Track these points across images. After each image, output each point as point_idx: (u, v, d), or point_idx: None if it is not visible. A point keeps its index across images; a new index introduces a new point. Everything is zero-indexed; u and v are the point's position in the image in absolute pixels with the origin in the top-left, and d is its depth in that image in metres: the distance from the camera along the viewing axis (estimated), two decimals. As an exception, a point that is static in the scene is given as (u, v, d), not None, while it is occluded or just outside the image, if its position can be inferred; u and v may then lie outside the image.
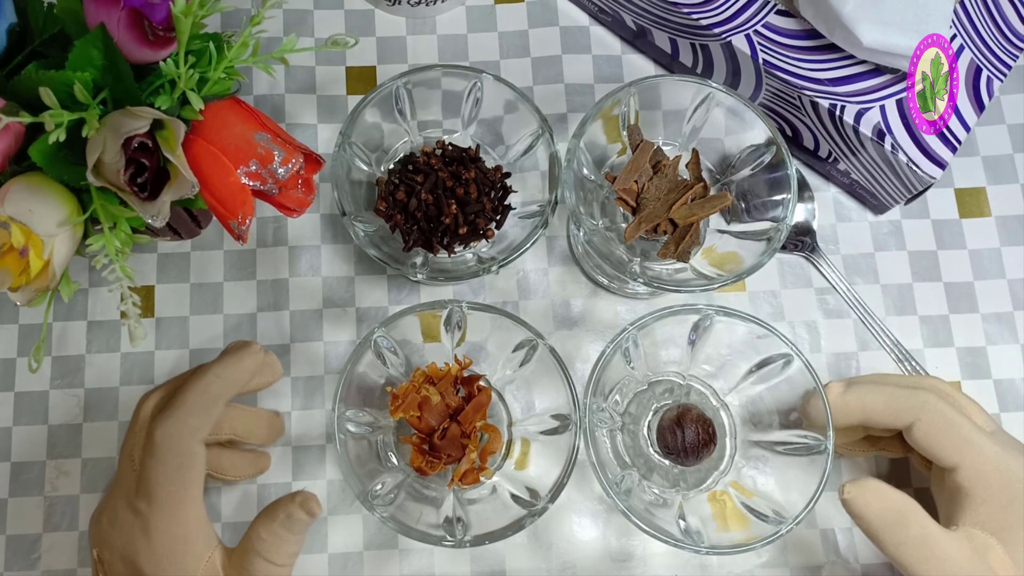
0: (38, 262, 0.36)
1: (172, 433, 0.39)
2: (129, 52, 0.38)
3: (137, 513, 0.40)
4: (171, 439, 0.39)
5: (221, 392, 0.41)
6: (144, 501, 0.39)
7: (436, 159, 0.49)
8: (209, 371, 0.41)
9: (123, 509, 0.40)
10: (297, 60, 0.55)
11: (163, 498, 0.39)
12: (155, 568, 0.39)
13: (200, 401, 0.40)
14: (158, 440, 0.39)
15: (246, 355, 0.42)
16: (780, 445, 0.45)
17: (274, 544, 0.39)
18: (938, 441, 0.42)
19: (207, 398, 0.40)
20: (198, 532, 0.40)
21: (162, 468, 0.39)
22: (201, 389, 0.40)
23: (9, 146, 0.36)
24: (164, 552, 0.39)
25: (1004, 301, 0.53)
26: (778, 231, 0.45)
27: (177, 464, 0.39)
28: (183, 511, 0.40)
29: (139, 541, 0.39)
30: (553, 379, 0.44)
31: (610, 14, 0.56)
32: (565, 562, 0.49)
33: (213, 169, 0.38)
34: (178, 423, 0.40)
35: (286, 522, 0.39)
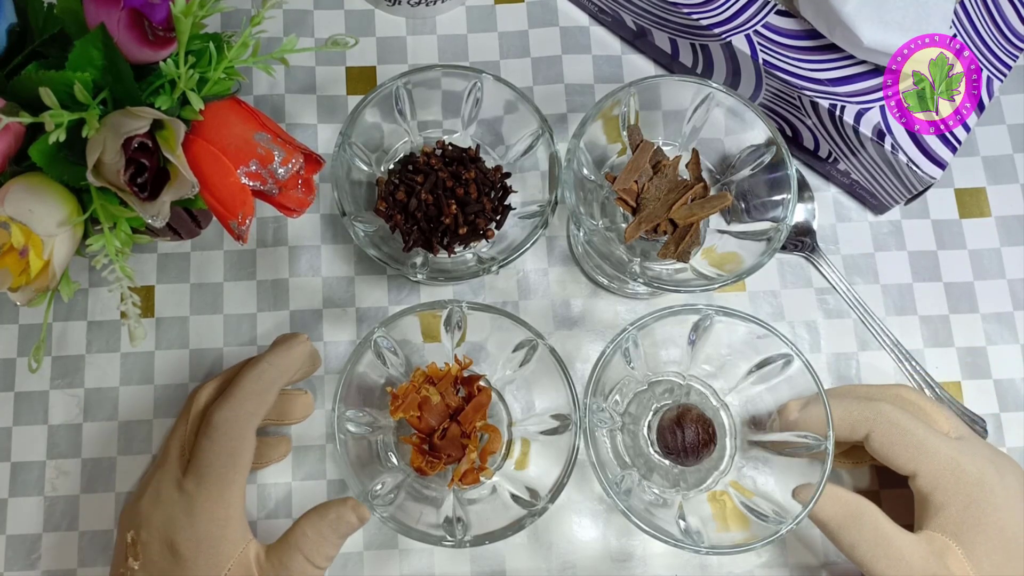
0: (38, 262, 0.36)
1: (229, 417, 0.41)
2: (129, 52, 0.38)
3: (183, 492, 0.41)
4: (228, 423, 0.41)
5: (275, 379, 0.43)
6: (193, 481, 0.41)
7: (436, 159, 0.49)
8: (263, 360, 0.43)
9: (168, 489, 0.42)
10: (297, 60, 0.55)
11: (213, 479, 0.41)
12: (193, 549, 0.40)
13: (256, 387, 0.42)
14: (216, 422, 0.41)
15: (295, 344, 0.44)
16: (780, 445, 0.45)
17: (317, 543, 0.41)
18: (893, 450, 0.43)
19: (262, 385, 0.43)
20: (238, 519, 0.41)
21: (217, 449, 0.41)
22: (256, 376, 0.43)
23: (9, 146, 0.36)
24: (204, 533, 0.40)
25: (1004, 301, 0.53)
26: (778, 231, 0.45)
27: (231, 448, 0.41)
28: (229, 494, 0.41)
29: (181, 519, 0.41)
30: (553, 379, 0.44)
31: (610, 14, 0.56)
32: (565, 562, 0.49)
33: (213, 169, 0.38)
34: (235, 408, 0.42)
35: (335, 523, 0.40)
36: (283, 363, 0.43)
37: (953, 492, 0.42)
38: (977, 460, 0.43)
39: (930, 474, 0.43)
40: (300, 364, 0.45)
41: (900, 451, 0.43)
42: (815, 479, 0.42)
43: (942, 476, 0.42)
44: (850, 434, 0.44)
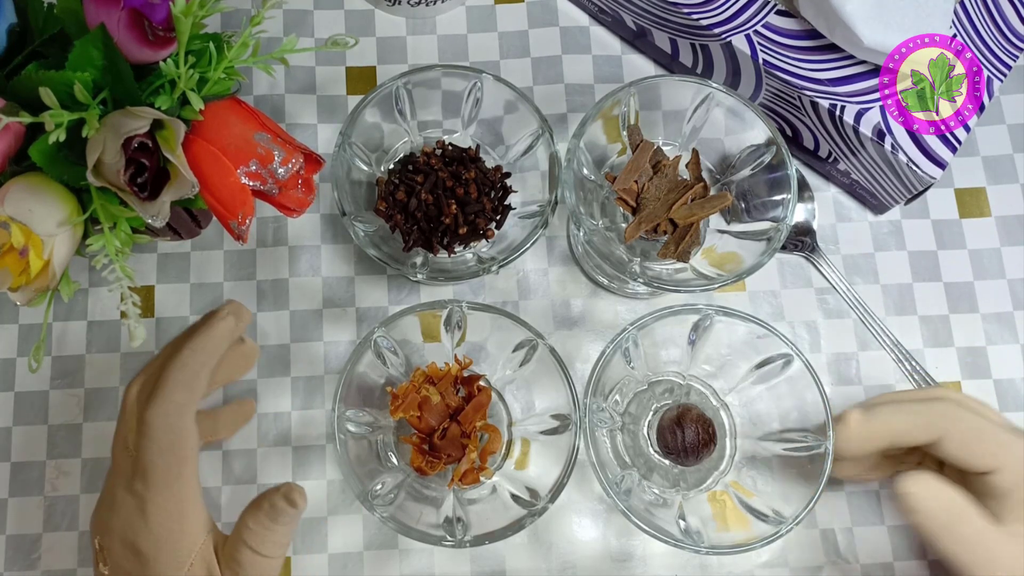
0: (38, 262, 0.36)
1: (160, 412, 0.40)
2: (129, 52, 0.38)
3: (134, 494, 0.40)
4: (160, 418, 0.40)
5: (202, 363, 0.41)
6: (141, 481, 0.40)
7: (436, 159, 0.49)
8: (184, 346, 0.41)
9: (121, 493, 0.41)
10: (297, 60, 0.55)
11: (158, 476, 0.40)
12: (152, 547, 0.40)
13: (182, 377, 0.41)
14: (148, 420, 0.40)
15: (215, 322, 0.42)
16: (780, 445, 0.45)
17: (260, 534, 0.40)
18: (971, 449, 0.42)
19: (188, 373, 0.41)
20: (194, 512, 0.41)
21: (156, 447, 0.40)
22: (180, 365, 0.41)
23: (9, 146, 0.36)
24: (161, 530, 0.40)
25: (1004, 301, 0.53)
26: (778, 231, 0.45)
27: (169, 441, 0.40)
28: (178, 487, 0.40)
29: (137, 521, 0.40)
30: (553, 379, 0.44)
31: (610, 14, 0.56)
32: (565, 562, 0.49)
33: (213, 169, 0.38)
34: (165, 402, 0.40)
35: (270, 512, 0.40)
36: (205, 345, 0.42)
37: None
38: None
39: (1010, 469, 0.41)
40: (225, 341, 0.43)
41: (979, 449, 0.42)
42: (815, 479, 0.42)
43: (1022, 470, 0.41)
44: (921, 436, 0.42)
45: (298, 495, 0.39)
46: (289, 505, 0.39)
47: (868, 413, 0.42)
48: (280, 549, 0.41)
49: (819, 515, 0.49)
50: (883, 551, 0.49)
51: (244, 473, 0.49)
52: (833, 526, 0.49)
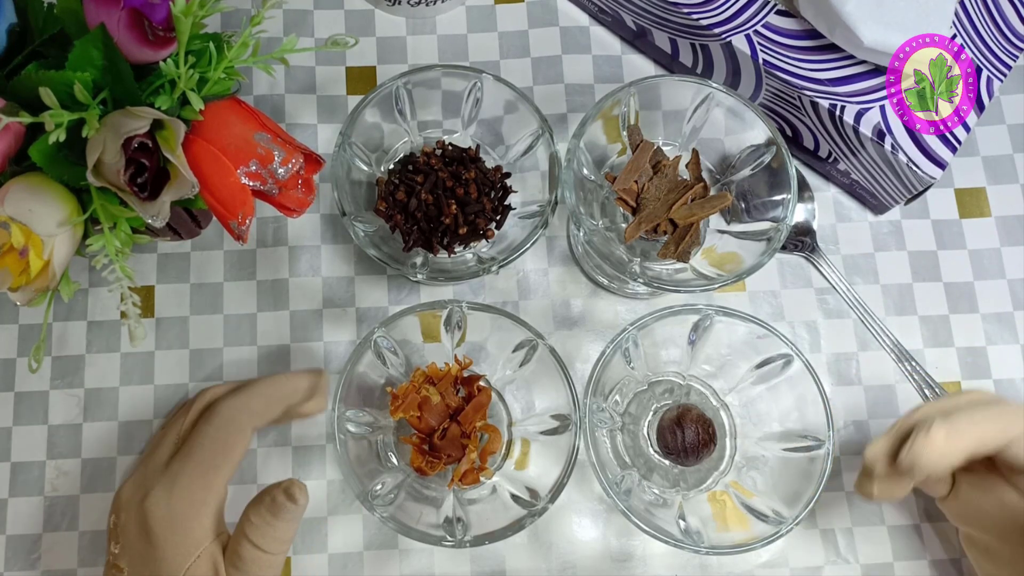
0: (38, 262, 0.36)
1: (235, 406, 0.43)
2: (129, 52, 0.38)
3: (168, 470, 0.41)
4: (231, 410, 0.42)
5: (287, 394, 0.45)
6: (181, 460, 0.42)
7: (436, 159, 0.49)
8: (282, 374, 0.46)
9: (153, 470, 0.42)
10: (297, 60, 0.55)
11: (200, 458, 0.41)
12: (166, 528, 0.40)
13: (268, 391, 0.44)
14: (219, 410, 0.42)
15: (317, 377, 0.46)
16: (780, 445, 0.45)
17: (261, 529, 0.40)
18: None
19: (275, 392, 0.44)
20: (215, 508, 0.41)
21: (212, 432, 0.42)
22: (272, 383, 0.44)
23: (9, 146, 0.36)
24: (179, 512, 0.40)
25: (1004, 301, 0.53)
26: (778, 231, 0.45)
27: (226, 433, 0.42)
28: (212, 477, 0.41)
29: (160, 497, 0.41)
30: (553, 379, 0.44)
31: (610, 14, 0.56)
32: (565, 562, 0.49)
33: (213, 169, 0.38)
34: (241, 401, 0.43)
35: (271, 507, 0.40)
36: (298, 382, 0.45)
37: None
38: None
39: None
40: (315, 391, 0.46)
41: None
42: (815, 479, 0.42)
43: None
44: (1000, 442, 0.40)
45: (298, 490, 0.40)
46: (289, 500, 0.40)
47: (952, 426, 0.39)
48: (282, 545, 0.41)
49: (819, 515, 0.49)
50: (883, 551, 0.49)
51: (244, 473, 0.49)
52: (833, 526, 0.49)
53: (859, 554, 0.49)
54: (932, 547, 0.49)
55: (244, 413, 0.43)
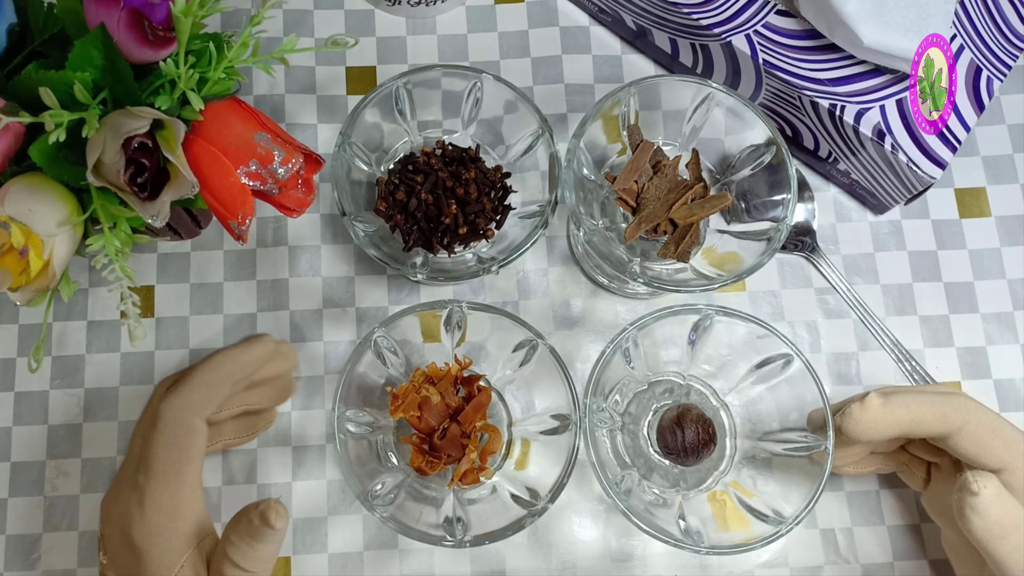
0: (38, 262, 0.36)
1: (175, 406, 0.41)
2: (129, 52, 0.38)
3: (135, 486, 0.41)
4: (172, 412, 0.41)
5: (229, 372, 0.43)
6: (143, 473, 0.40)
7: (436, 159, 0.49)
8: (219, 352, 0.44)
9: (125, 484, 0.42)
10: (297, 60, 0.55)
11: (159, 469, 0.40)
12: (147, 541, 0.40)
13: (206, 378, 0.42)
14: (161, 413, 0.41)
15: (256, 343, 0.44)
16: (780, 445, 0.45)
17: (242, 549, 0.39)
18: (984, 444, 0.42)
19: (214, 376, 0.42)
20: (192, 511, 0.41)
21: (162, 440, 0.40)
22: (209, 368, 0.43)
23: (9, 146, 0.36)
24: (155, 525, 0.40)
25: (1004, 301, 0.53)
26: (778, 231, 0.45)
27: (175, 437, 0.41)
28: (177, 483, 0.40)
29: (134, 512, 0.40)
30: (553, 379, 0.44)
31: (610, 14, 0.56)
32: (565, 562, 0.49)
33: (213, 169, 0.38)
34: (181, 398, 0.41)
35: (248, 530, 0.38)
36: (240, 357, 0.43)
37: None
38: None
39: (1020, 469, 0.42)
40: (260, 362, 0.44)
41: (992, 446, 0.42)
42: (815, 479, 0.42)
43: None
44: (940, 426, 0.42)
45: (275, 515, 0.37)
46: (264, 525, 0.38)
47: (890, 398, 0.42)
48: (264, 564, 0.40)
49: (819, 515, 0.50)
50: (883, 551, 0.49)
51: (244, 473, 0.49)
52: (833, 526, 0.49)
53: (859, 554, 0.49)
54: (932, 547, 0.49)
55: (187, 411, 0.41)
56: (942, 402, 0.43)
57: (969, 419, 0.42)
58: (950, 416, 0.42)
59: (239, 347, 0.44)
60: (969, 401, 0.43)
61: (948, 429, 0.42)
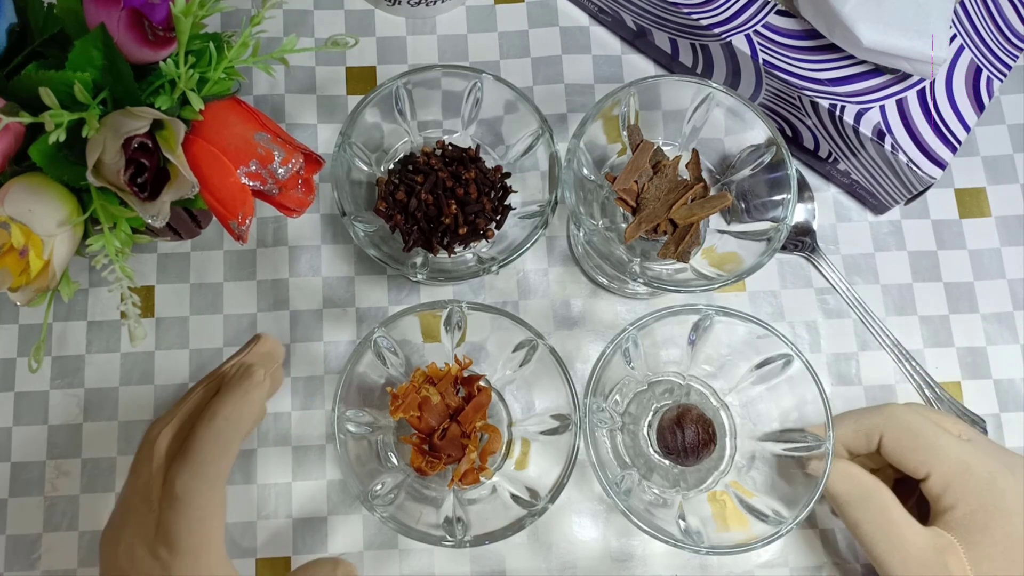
0: (38, 262, 0.36)
1: (192, 487, 0.39)
2: (129, 52, 0.38)
3: (157, 559, 0.39)
4: (190, 493, 0.39)
5: (234, 436, 0.40)
6: (165, 549, 0.39)
7: (436, 159, 0.49)
8: (218, 415, 0.40)
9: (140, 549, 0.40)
10: (297, 60, 0.55)
11: (185, 548, 0.39)
12: None
13: (215, 451, 0.40)
14: (178, 493, 0.39)
15: (251, 389, 0.41)
16: (780, 445, 0.45)
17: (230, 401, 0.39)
18: (904, 452, 0.43)
19: (220, 445, 0.40)
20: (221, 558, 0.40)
21: (183, 520, 0.39)
22: (213, 437, 0.40)
23: (9, 146, 0.36)
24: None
25: (1004, 301, 0.53)
26: (778, 231, 0.45)
27: (199, 516, 0.39)
28: (205, 558, 0.39)
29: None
30: (553, 379, 0.44)
31: (610, 14, 0.56)
32: (565, 562, 0.49)
33: (213, 169, 0.38)
34: (197, 476, 0.39)
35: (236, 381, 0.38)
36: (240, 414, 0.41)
37: (962, 494, 0.42)
38: (988, 462, 0.42)
39: (941, 476, 0.42)
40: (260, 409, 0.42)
41: (911, 453, 0.43)
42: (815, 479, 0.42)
43: (952, 478, 0.42)
44: (867, 443, 0.44)
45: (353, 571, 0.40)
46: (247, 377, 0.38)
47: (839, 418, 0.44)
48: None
49: (819, 515, 0.50)
50: (883, 551, 0.49)
51: (244, 473, 0.49)
52: (833, 526, 0.49)
53: (859, 554, 0.49)
54: (932, 547, 0.49)
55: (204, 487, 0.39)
56: (866, 416, 0.44)
57: (887, 430, 0.43)
58: (872, 431, 0.44)
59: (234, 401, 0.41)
60: (894, 409, 0.44)
61: (873, 445, 0.44)
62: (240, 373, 0.42)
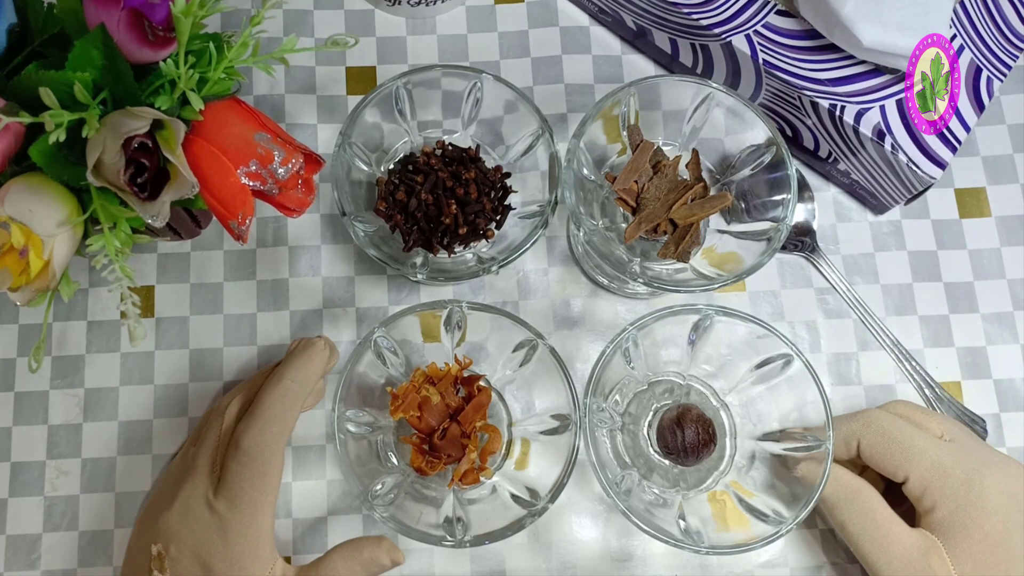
0: (38, 262, 0.36)
1: (258, 441, 0.42)
2: (129, 52, 0.38)
3: (215, 513, 0.41)
4: (256, 447, 0.42)
5: (298, 396, 0.44)
6: (224, 503, 0.41)
7: (436, 159, 0.49)
8: (285, 376, 0.44)
9: (199, 507, 0.42)
10: (297, 60, 0.55)
11: (244, 501, 0.41)
12: (228, 568, 0.41)
13: (280, 409, 0.43)
14: (244, 446, 0.42)
15: (314, 355, 0.45)
16: (780, 445, 0.45)
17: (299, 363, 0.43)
18: (882, 456, 0.44)
19: (286, 404, 0.43)
20: (269, 538, 0.42)
21: (247, 473, 0.42)
22: (280, 396, 0.43)
23: (9, 146, 0.36)
24: (238, 553, 0.41)
25: (1004, 301, 0.53)
26: (778, 231, 0.45)
27: (261, 471, 0.42)
28: (260, 515, 0.42)
29: (216, 540, 0.41)
30: (553, 379, 0.44)
31: (610, 14, 0.56)
32: (565, 562, 0.49)
33: (213, 169, 0.38)
34: (263, 431, 0.42)
35: (368, 564, 0.41)
36: (305, 377, 0.44)
37: (940, 495, 0.43)
38: (966, 463, 0.43)
39: (918, 479, 0.43)
40: (321, 373, 0.45)
41: (888, 457, 0.43)
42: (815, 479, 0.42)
43: (930, 480, 0.43)
44: (846, 449, 0.45)
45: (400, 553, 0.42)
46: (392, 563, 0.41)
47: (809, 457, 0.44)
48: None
49: (819, 515, 0.49)
50: (883, 551, 0.49)
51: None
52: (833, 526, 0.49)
53: (859, 554, 0.49)
54: (932, 547, 0.49)
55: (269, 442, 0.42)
56: (843, 424, 0.45)
57: (864, 436, 0.44)
58: (849, 438, 0.45)
59: (299, 364, 0.44)
60: (870, 415, 0.45)
61: (853, 451, 0.45)
62: (304, 343, 0.46)
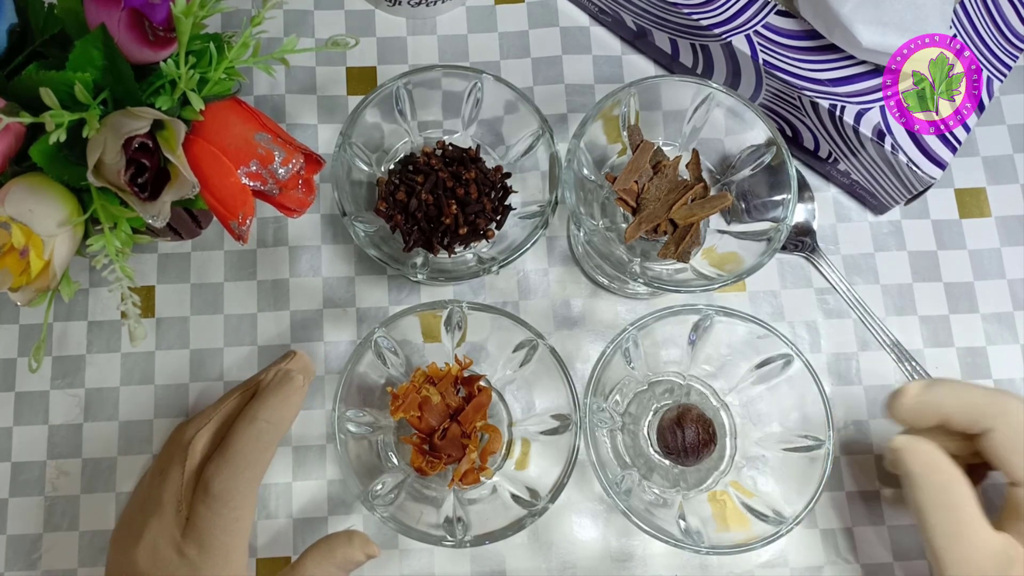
0: (38, 262, 0.36)
1: (229, 487, 0.40)
2: (129, 52, 0.38)
3: (184, 557, 0.40)
4: (227, 492, 0.40)
5: (272, 439, 0.41)
6: (194, 548, 0.39)
7: (436, 159, 0.49)
8: (259, 417, 0.41)
9: (167, 549, 0.40)
10: (297, 60, 0.55)
11: (216, 548, 0.39)
12: None
13: (254, 453, 0.40)
14: (215, 491, 0.39)
15: (291, 393, 0.42)
16: (780, 445, 0.45)
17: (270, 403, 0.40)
18: (1012, 452, 0.40)
19: (259, 447, 0.41)
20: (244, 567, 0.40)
21: (217, 519, 0.39)
22: (253, 439, 0.40)
23: (9, 146, 0.36)
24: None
25: (1004, 301, 0.53)
26: (778, 231, 0.45)
27: (233, 516, 0.40)
28: (232, 560, 0.40)
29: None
30: (553, 379, 0.44)
31: (610, 14, 0.56)
32: (565, 562, 0.49)
33: (213, 169, 0.38)
34: (235, 477, 0.40)
35: (344, 564, 0.39)
36: (281, 418, 0.41)
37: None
38: None
39: None
40: (297, 411, 0.42)
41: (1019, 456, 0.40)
42: (815, 479, 0.42)
43: None
44: (970, 424, 0.41)
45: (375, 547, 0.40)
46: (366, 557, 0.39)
47: (928, 386, 0.42)
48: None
49: (819, 515, 0.50)
50: (883, 551, 0.49)
51: (244, 473, 0.49)
52: (833, 526, 0.49)
53: (859, 554, 0.49)
54: (932, 547, 0.49)
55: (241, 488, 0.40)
56: (982, 398, 0.41)
57: (1000, 425, 0.40)
58: (985, 415, 0.41)
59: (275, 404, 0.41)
60: (1011, 403, 0.41)
61: (981, 428, 0.41)
62: (280, 378, 0.42)
